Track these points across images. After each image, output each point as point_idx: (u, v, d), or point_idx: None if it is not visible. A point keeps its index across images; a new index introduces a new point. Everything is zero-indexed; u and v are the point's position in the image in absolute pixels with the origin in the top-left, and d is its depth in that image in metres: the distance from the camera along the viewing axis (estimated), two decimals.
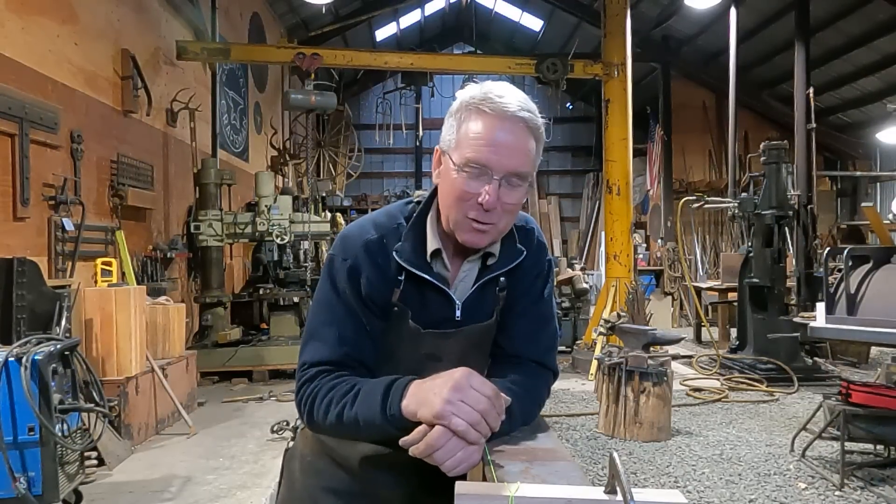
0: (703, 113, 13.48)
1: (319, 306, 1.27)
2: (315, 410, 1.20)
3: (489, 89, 1.17)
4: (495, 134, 1.13)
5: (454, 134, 1.19)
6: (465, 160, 1.15)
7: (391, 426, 1.09)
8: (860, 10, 9.00)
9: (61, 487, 2.81)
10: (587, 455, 4.13)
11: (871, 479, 3.57)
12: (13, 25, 4.16)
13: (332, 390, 1.19)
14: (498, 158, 1.13)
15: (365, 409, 1.13)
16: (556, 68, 7.28)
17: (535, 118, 1.17)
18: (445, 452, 1.01)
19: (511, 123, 1.14)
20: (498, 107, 1.14)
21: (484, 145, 1.13)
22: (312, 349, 1.25)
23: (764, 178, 6.78)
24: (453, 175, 1.17)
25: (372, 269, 1.24)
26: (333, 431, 1.22)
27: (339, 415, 1.16)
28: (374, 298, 1.24)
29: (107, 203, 5.37)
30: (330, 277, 1.26)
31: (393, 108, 12.91)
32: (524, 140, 1.16)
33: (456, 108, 1.20)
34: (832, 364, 6.92)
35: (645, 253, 12.10)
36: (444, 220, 1.23)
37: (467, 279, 1.29)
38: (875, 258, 3.84)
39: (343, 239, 1.29)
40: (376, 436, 1.16)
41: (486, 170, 1.14)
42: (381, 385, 1.13)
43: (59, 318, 3.55)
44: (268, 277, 7.22)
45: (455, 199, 1.18)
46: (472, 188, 1.15)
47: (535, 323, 1.35)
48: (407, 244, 1.25)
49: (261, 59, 7.98)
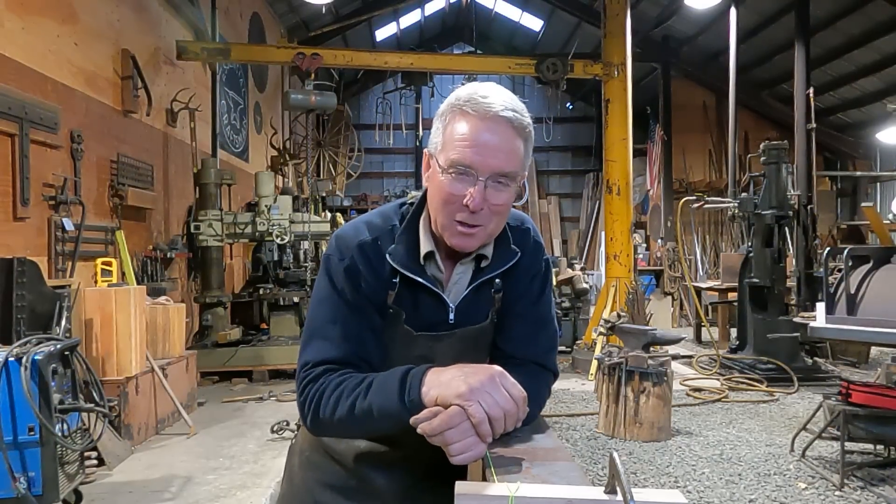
0: (703, 113, 13.48)
1: (319, 305, 1.25)
2: (322, 408, 1.16)
3: (474, 90, 1.16)
4: (479, 134, 1.13)
5: (440, 136, 1.19)
6: (449, 162, 1.14)
7: (409, 414, 1.06)
8: (860, 10, 9.00)
9: (61, 487, 2.81)
10: (587, 455, 4.13)
11: (871, 479, 3.57)
12: (13, 25, 4.16)
13: (340, 385, 1.16)
14: (482, 159, 1.13)
15: (380, 398, 1.10)
16: (556, 68, 7.28)
17: (521, 117, 1.16)
18: (457, 434, 1.00)
19: (495, 123, 1.13)
20: (481, 107, 1.13)
21: (468, 146, 1.13)
22: (315, 348, 1.22)
23: (764, 178, 6.78)
24: (440, 177, 1.17)
25: (367, 271, 1.23)
26: (342, 427, 1.17)
27: (350, 406, 1.12)
28: (370, 300, 1.24)
29: (107, 203, 5.37)
30: (328, 276, 1.25)
31: (393, 108, 12.91)
32: (509, 139, 1.15)
33: (442, 110, 1.20)
34: (832, 364, 6.92)
35: (645, 253, 12.10)
36: (434, 223, 1.23)
37: (461, 282, 1.28)
38: (875, 258, 3.84)
39: (338, 239, 1.28)
40: (390, 426, 1.12)
41: (470, 171, 1.13)
42: (396, 373, 1.11)
43: (59, 318, 3.55)
44: (268, 277, 7.22)
45: (442, 202, 1.17)
46: (457, 190, 1.14)
47: (535, 324, 1.34)
48: (400, 247, 1.24)
49: (261, 59, 7.98)
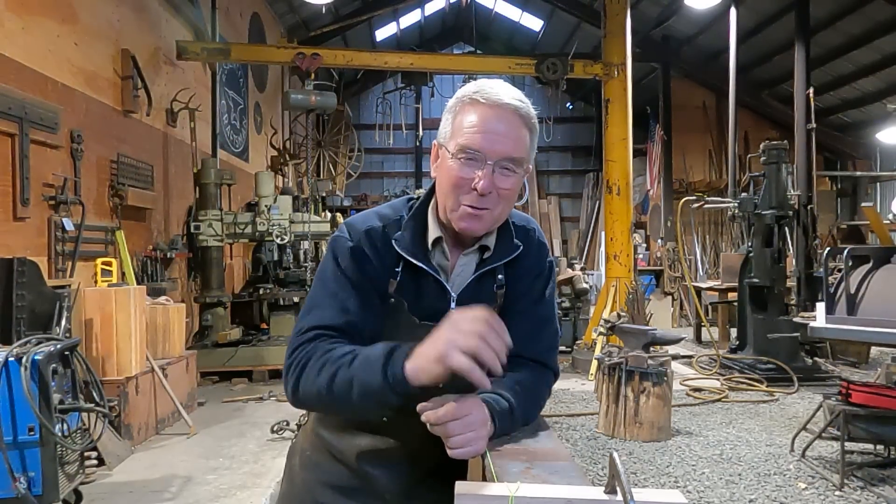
0: (703, 113, 13.48)
1: (322, 281, 1.28)
2: (306, 374, 1.16)
3: (483, 84, 1.22)
4: (487, 121, 1.18)
5: (450, 127, 1.24)
6: (459, 147, 1.19)
7: (391, 391, 1.06)
8: (860, 10, 9.00)
9: (61, 487, 2.81)
10: (587, 455, 4.13)
11: (871, 479, 3.57)
12: (13, 25, 4.16)
13: (328, 352, 1.16)
14: (491, 144, 1.18)
15: (363, 371, 1.10)
16: (556, 68, 7.28)
17: (528, 108, 1.22)
18: (459, 426, 1.03)
19: (503, 111, 1.19)
20: (490, 96, 1.19)
21: (477, 132, 1.18)
22: (312, 316, 1.24)
23: (764, 178, 6.78)
24: (449, 163, 1.21)
25: (373, 255, 1.26)
26: (321, 401, 1.17)
27: (331, 377, 1.12)
28: (374, 284, 1.26)
29: (107, 203, 5.37)
30: (333, 255, 1.28)
31: (393, 108, 12.90)
32: (516, 127, 1.20)
33: (450, 104, 1.25)
34: (832, 364, 6.92)
35: (645, 253, 12.10)
36: (442, 209, 1.27)
37: (464, 273, 1.30)
38: (875, 258, 3.84)
39: (348, 224, 1.32)
40: (370, 405, 1.11)
41: (479, 154, 1.18)
42: (382, 347, 1.12)
43: (59, 318, 3.55)
44: (268, 277, 7.22)
45: (451, 187, 1.21)
46: (466, 174, 1.19)
47: (537, 323, 1.35)
48: (406, 233, 1.27)
49: (261, 59, 7.98)
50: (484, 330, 1.02)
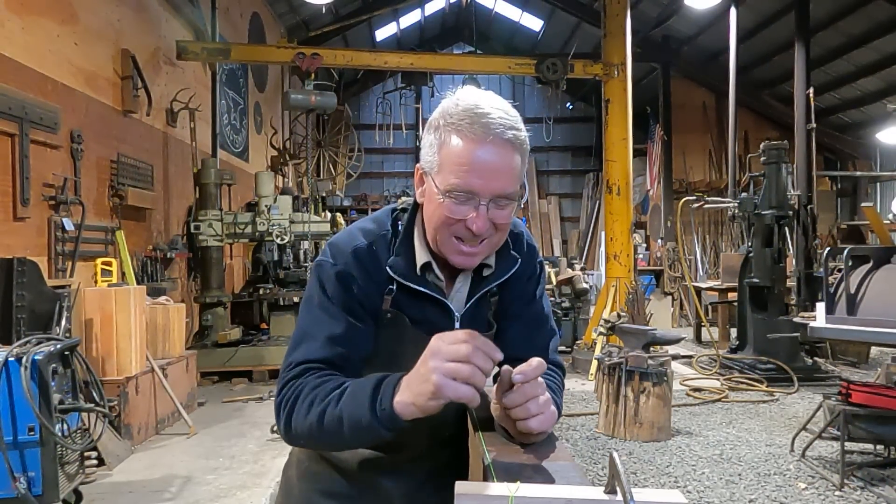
0: (703, 113, 13.48)
1: (308, 311, 1.23)
2: (296, 412, 1.11)
3: (467, 106, 1.10)
4: (478, 158, 1.08)
5: (435, 155, 1.13)
6: (449, 186, 1.10)
7: (381, 426, 1.01)
8: (860, 10, 9.00)
9: (61, 487, 2.81)
10: (587, 455, 4.13)
11: (871, 479, 3.57)
12: (13, 25, 4.16)
13: (316, 388, 1.11)
14: (483, 182, 1.09)
15: (351, 406, 1.04)
16: (556, 68, 7.28)
17: (518, 132, 1.11)
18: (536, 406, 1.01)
19: (493, 145, 1.09)
20: (478, 128, 1.08)
21: (468, 171, 1.08)
22: (300, 350, 1.20)
23: (764, 178, 6.78)
24: (438, 200, 1.12)
25: (362, 275, 1.21)
26: (312, 438, 1.12)
27: (321, 414, 1.07)
28: (364, 305, 1.22)
29: (107, 203, 5.37)
30: (319, 282, 1.23)
31: (393, 108, 12.91)
32: (509, 159, 1.10)
33: (435, 124, 1.14)
34: (832, 364, 6.92)
35: (645, 253, 12.10)
36: (432, 240, 1.21)
37: (463, 290, 1.28)
38: (875, 258, 3.84)
39: (331, 246, 1.26)
40: (362, 441, 1.08)
41: (472, 195, 1.10)
42: (370, 381, 1.06)
43: (59, 318, 3.55)
44: (268, 277, 7.22)
45: (441, 224, 1.14)
46: (458, 213, 1.11)
47: (534, 323, 1.35)
48: (400, 259, 1.22)
49: (261, 59, 7.98)
50: (471, 352, 0.96)
